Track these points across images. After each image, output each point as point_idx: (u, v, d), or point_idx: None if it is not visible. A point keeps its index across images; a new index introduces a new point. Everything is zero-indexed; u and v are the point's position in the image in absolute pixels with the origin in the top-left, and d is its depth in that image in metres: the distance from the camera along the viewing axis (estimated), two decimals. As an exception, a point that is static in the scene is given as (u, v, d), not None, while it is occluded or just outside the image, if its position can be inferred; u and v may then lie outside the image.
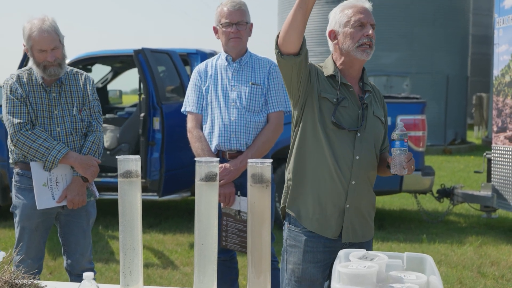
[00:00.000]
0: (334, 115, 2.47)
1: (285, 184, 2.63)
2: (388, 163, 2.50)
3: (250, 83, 3.42)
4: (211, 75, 3.48)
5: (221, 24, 3.42)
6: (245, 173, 2.99)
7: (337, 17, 2.55)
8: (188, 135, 3.50)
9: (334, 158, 2.47)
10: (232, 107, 3.40)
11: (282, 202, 2.65)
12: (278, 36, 2.36)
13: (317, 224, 2.52)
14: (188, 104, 3.52)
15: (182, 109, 3.57)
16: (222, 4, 3.46)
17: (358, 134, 2.51)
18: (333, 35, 2.57)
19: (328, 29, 2.59)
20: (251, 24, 3.50)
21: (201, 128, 3.47)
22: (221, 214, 3.37)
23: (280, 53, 2.37)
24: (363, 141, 2.52)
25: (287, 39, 2.32)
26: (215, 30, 3.51)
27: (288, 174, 2.61)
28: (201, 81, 3.49)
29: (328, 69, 2.57)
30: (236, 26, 3.40)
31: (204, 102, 3.47)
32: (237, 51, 3.46)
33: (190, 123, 3.50)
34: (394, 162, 2.40)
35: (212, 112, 3.43)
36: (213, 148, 3.42)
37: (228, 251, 3.55)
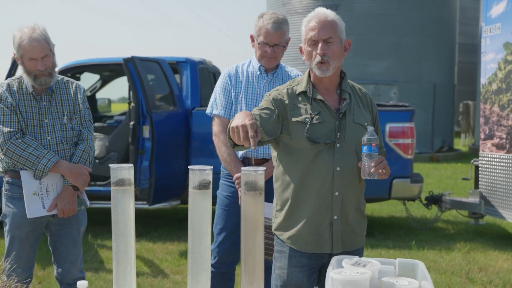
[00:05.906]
0: (307, 131, 2.45)
1: (274, 211, 2.67)
2: None
3: None
4: (241, 82, 3.42)
5: (258, 42, 3.34)
6: (268, 180, 2.88)
7: (301, 33, 2.55)
8: (214, 139, 3.43)
9: (314, 174, 2.47)
10: None
11: (274, 228, 2.66)
12: None
13: (313, 245, 2.53)
14: (216, 107, 3.45)
15: (208, 111, 3.50)
16: (263, 17, 3.32)
17: (338, 145, 2.48)
18: (302, 51, 2.58)
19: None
20: (289, 39, 3.40)
21: None
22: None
23: None
24: (343, 151, 2.48)
25: None
26: (252, 38, 3.42)
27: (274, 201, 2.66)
28: (231, 86, 3.42)
29: (301, 84, 2.57)
30: (273, 47, 3.32)
31: (233, 107, 3.42)
32: (270, 67, 3.42)
33: (216, 127, 3.42)
34: (363, 167, 2.40)
35: None
36: (239, 155, 3.40)
37: (230, 264, 3.47)
